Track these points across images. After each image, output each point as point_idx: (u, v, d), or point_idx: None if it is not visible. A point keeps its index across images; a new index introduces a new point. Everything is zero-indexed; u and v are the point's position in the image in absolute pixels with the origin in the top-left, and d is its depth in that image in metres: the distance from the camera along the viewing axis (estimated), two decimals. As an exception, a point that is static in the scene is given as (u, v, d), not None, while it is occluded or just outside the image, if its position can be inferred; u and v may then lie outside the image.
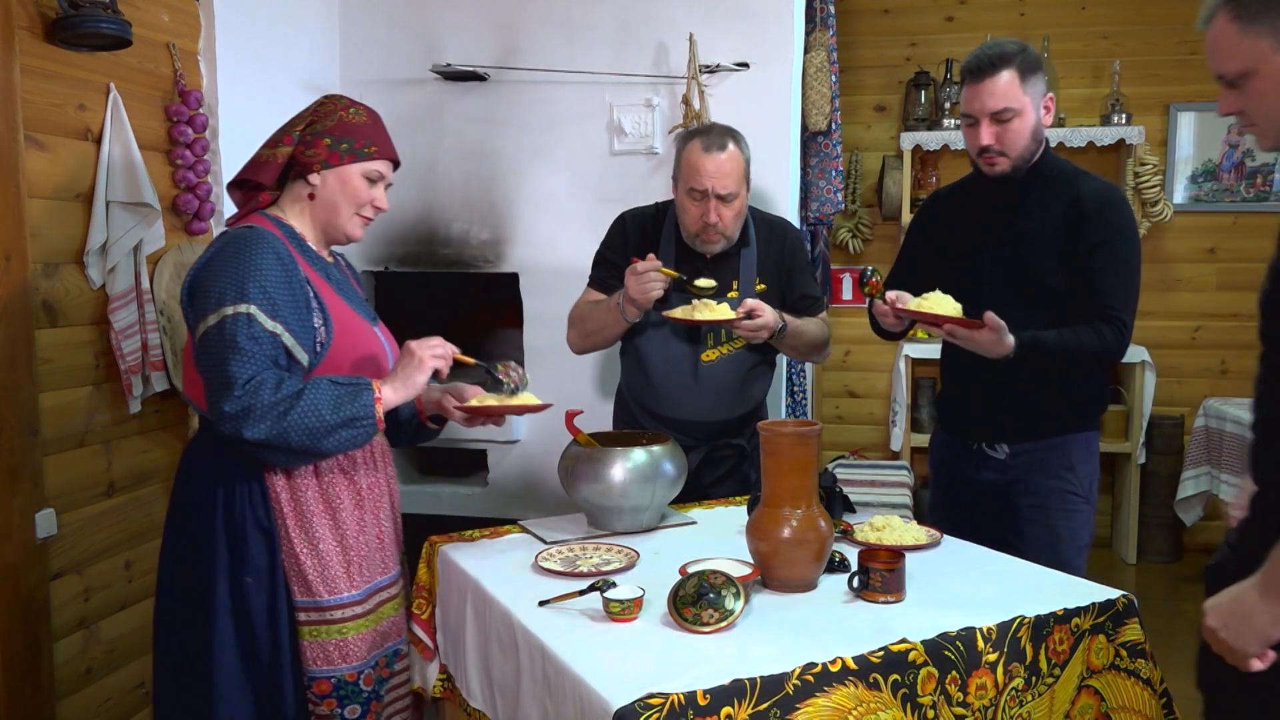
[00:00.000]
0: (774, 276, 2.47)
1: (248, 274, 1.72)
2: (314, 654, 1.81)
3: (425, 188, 3.45)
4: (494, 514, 3.30)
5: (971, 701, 1.50)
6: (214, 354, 1.70)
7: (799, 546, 1.68)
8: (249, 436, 1.66)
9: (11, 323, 2.18)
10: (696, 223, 2.34)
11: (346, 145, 1.86)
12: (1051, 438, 2.27)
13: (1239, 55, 1.42)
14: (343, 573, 1.83)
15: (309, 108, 1.92)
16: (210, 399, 1.70)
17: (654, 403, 2.46)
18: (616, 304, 2.33)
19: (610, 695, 1.31)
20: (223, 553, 1.77)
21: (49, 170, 2.30)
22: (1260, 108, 1.44)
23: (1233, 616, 1.34)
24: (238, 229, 1.83)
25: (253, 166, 1.89)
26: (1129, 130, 4.54)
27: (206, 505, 1.79)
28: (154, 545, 2.65)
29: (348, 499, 1.86)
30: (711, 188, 2.28)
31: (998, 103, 2.14)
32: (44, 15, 2.26)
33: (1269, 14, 1.38)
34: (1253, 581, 1.32)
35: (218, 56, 2.82)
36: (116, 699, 2.54)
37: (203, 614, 1.78)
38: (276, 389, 1.68)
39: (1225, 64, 1.44)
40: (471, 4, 3.38)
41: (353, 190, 1.88)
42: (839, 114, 3.64)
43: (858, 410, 5.22)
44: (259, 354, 1.69)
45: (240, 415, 1.65)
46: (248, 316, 1.70)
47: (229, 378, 1.67)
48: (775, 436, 1.71)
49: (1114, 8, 4.74)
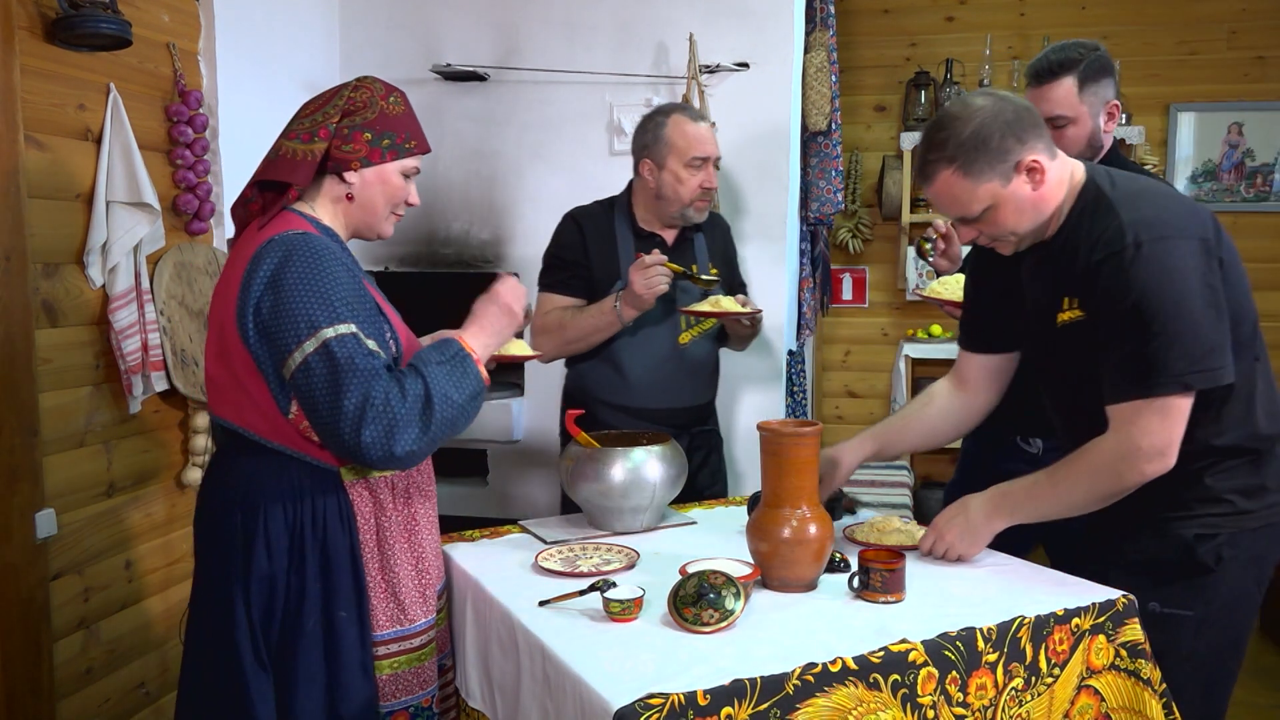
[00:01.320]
0: (721, 263, 2.58)
1: (331, 290, 1.56)
2: (394, 687, 1.70)
3: (425, 188, 3.44)
4: (494, 514, 3.30)
5: (971, 701, 1.50)
6: (324, 381, 1.53)
7: (799, 546, 1.68)
8: (400, 453, 1.53)
9: (11, 323, 2.18)
10: (695, 191, 2.43)
11: (389, 141, 1.71)
12: None
13: (979, 199, 1.71)
14: (419, 596, 1.74)
15: (340, 94, 1.72)
16: (332, 428, 1.54)
17: (629, 397, 2.45)
18: (613, 306, 2.33)
19: (610, 695, 1.31)
20: (314, 586, 1.62)
21: (49, 170, 2.30)
22: (1005, 228, 1.75)
23: (965, 529, 1.83)
24: (290, 235, 1.61)
25: (285, 166, 1.68)
26: (1129, 130, 4.53)
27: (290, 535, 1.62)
28: (154, 545, 2.67)
29: (422, 517, 1.77)
30: (713, 153, 2.43)
31: (1050, 109, 2.12)
32: (44, 15, 2.26)
33: (988, 161, 1.68)
34: (980, 504, 1.82)
35: (218, 56, 2.82)
36: (116, 699, 2.54)
37: (285, 655, 1.62)
38: (404, 395, 1.54)
39: (969, 209, 1.73)
40: (471, 4, 3.38)
41: (393, 189, 1.74)
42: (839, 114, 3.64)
43: (858, 410, 5.22)
44: (375, 369, 1.55)
45: (385, 438, 1.52)
46: (354, 337, 1.55)
47: (360, 403, 1.51)
48: (775, 436, 1.70)
49: (1114, 8, 4.74)
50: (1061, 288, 1.76)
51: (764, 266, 3.20)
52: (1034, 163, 1.70)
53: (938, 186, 1.73)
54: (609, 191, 3.25)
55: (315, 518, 1.63)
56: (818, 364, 5.00)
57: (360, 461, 1.56)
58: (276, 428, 1.63)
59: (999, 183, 1.69)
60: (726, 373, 3.23)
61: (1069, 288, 1.75)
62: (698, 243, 2.55)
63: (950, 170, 1.70)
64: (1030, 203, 1.72)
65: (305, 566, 1.62)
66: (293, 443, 1.64)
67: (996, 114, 1.68)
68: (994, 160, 1.68)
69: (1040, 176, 1.71)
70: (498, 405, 3.33)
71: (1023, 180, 1.70)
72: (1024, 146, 1.69)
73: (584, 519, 2.14)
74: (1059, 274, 1.77)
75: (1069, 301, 1.75)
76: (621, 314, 2.33)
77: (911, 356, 4.74)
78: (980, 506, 1.83)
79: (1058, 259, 1.77)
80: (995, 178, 1.69)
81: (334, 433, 1.54)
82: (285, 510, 1.62)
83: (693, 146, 2.40)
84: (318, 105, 1.72)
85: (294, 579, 1.62)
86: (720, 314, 2.34)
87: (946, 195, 1.73)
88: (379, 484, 1.70)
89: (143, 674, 2.62)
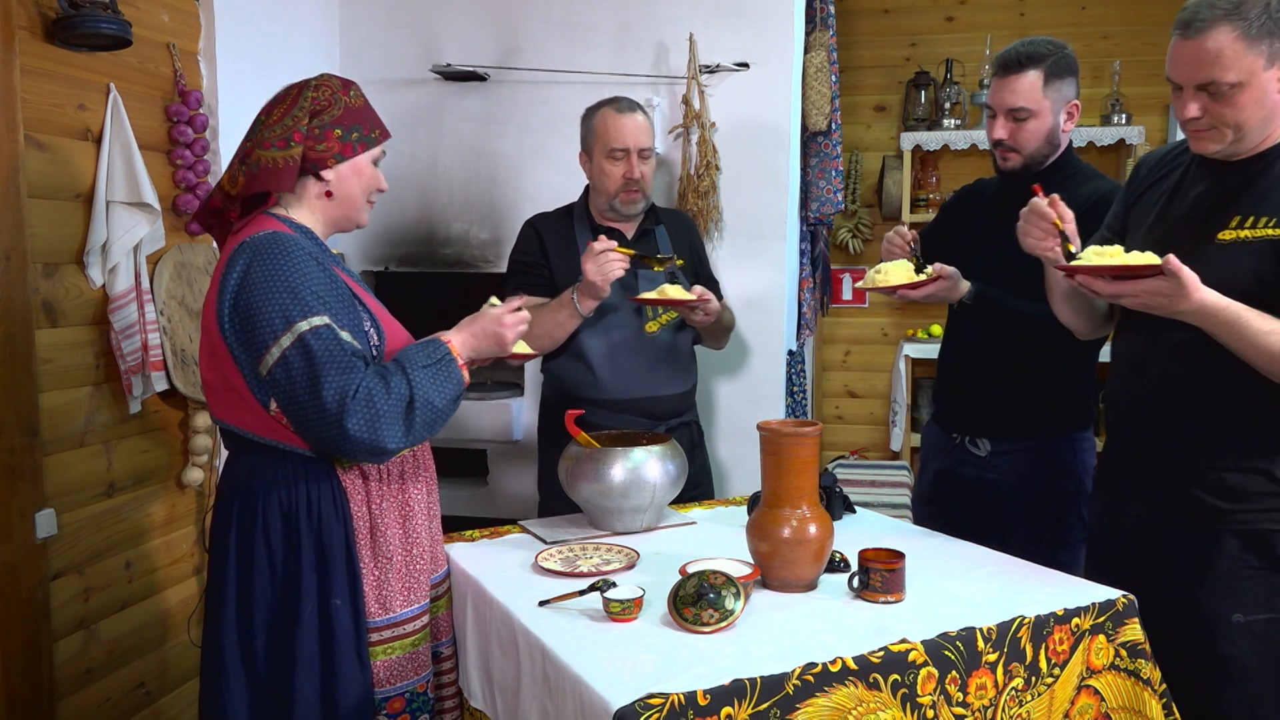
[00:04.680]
0: (687, 255, 2.59)
1: (300, 284, 1.60)
2: (389, 673, 1.72)
3: (425, 188, 3.45)
4: (494, 514, 3.30)
5: (971, 701, 1.50)
6: (302, 374, 1.56)
7: (799, 546, 1.68)
8: (389, 445, 1.57)
9: (11, 323, 2.18)
10: (618, 182, 2.44)
11: (358, 134, 1.76)
12: (1029, 439, 2.28)
13: (1238, 68, 1.61)
14: (412, 582, 1.76)
15: (302, 95, 1.74)
16: (314, 419, 1.57)
17: (600, 391, 2.44)
18: (571, 299, 2.32)
19: (610, 695, 1.31)
20: (310, 574, 1.65)
21: (49, 170, 2.30)
22: (1238, 117, 1.65)
23: (1159, 293, 1.61)
24: (259, 236, 1.65)
25: (268, 175, 1.70)
26: (1129, 130, 4.53)
27: (285, 523, 1.66)
28: (154, 545, 2.67)
29: (416, 502, 1.79)
30: (633, 144, 2.42)
31: (1013, 100, 2.18)
32: (44, 15, 2.26)
33: (1269, 35, 1.59)
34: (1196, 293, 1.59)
35: (218, 56, 2.82)
36: (116, 699, 2.54)
37: (281, 642, 1.65)
38: (387, 392, 1.58)
39: (1224, 74, 1.62)
40: (471, 4, 3.38)
41: (367, 178, 1.80)
42: (839, 114, 3.64)
43: (858, 410, 5.22)
44: (351, 361, 1.58)
45: (369, 429, 1.55)
46: (328, 328, 1.58)
47: (339, 394, 1.54)
48: (775, 436, 1.71)
49: (1114, 8, 4.74)
50: (1244, 206, 1.71)
51: (764, 267, 3.20)
52: None
53: (1211, 42, 1.62)
54: (609, 191, 3.27)
55: (310, 506, 1.67)
56: (818, 364, 5.00)
57: (344, 452, 1.60)
58: (268, 425, 1.66)
59: (1264, 62, 1.61)
60: (727, 372, 3.24)
61: (1261, 206, 1.69)
62: (659, 234, 2.56)
63: (1231, 27, 1.61)
64: (1270, 104, 1.66)
65: (301, 555, 1.65)
66: (285, 438, 1.67)
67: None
68: (1274, 36, 1.60)
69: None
70: (498, 405, 3.33)
71: (1276, 74, 1.64)
72: None
73: (584, 519, 2.14)
74: (1244, 192, 1.71)
75: (1250, 220, 1.69)
76: (580, 305, 2.31)
77: (911, 356, 4.74)
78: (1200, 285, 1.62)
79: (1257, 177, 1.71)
80: (1264, 55, 1.61)
81: (317, 424, 1.57)
82: (280, 499, 1.66)
83: (612, 138, 2.42)
84: (284, 110, 1.74)
85: (291, 567, 1.66)
86: (666, 301, 2.32)
87: (1212, 53, 1.62)
88: (371, 470, 1.73)
89: (143, 674, 2.62)
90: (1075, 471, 2.29)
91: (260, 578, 1.66)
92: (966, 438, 2.36)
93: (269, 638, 1.66)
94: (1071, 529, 2.27)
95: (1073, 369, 2.30)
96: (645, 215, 2.56)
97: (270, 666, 1.66)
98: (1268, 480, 1.72)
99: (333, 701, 1.65)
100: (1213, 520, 1.76)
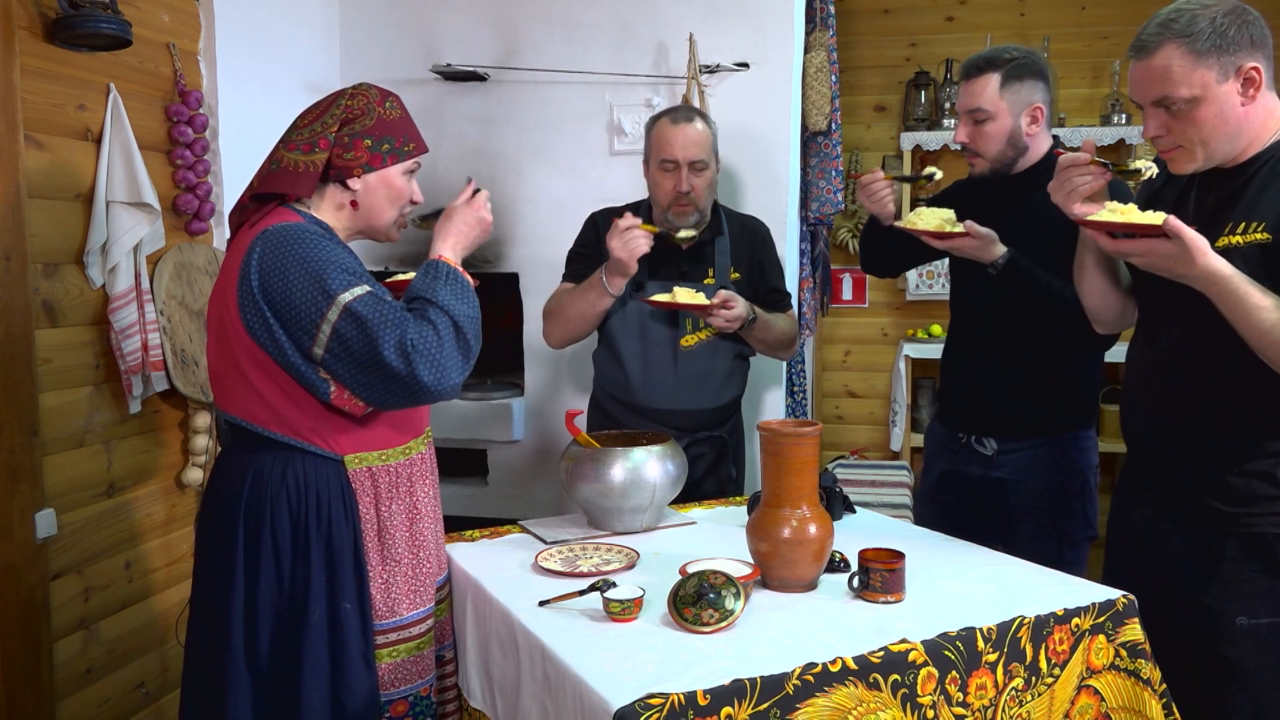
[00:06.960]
0: (746, 267, 2.54)
1: (329, 262, 1.59)
2: (394, 676, 1.72)
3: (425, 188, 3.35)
4: (494, 514, 3.30)
5: (971, 701, 1.50)
6: (359, 341, 1.56)
7: (799, 546, 1.68)
8: (458, 380, 1.60)
9: (11, 323, 2.18)
10: (669, 194, 2.41)
11: (388, 146, 1.75)
12: (1038, 437, 2.28)
13: (1189, 83, 1.65)
14: (419, 586, 1.76)
15: (337, 103, 1.76)
16: (382, 379, 1.57)
17: (630, 394, 2.46)
18: (600, 279, 2.34)
19: (610, 695, 1.31)
20: (319, 578, 1.64)
21: (49, 170, 2.30)
22: (1201, 133, 1.68)
23: (1163, 254, 1.63)
24: (279, 226, 1.64)
25: (287, 178, 1.70)
26: (1129, 130, 4.53)
27: (294, 527, 1.65)
28: (154, 545, 2.67)
29: (424, 505, 1.79)
30: (683, 157, 2.38)
31: (972, 102, 2.24)
32: (44, 15, 2.26)
33: (1218, 48, 1.63)
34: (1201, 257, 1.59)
35: (218, 56, 2.82)
36: (116, 699, 2.54)
37: (289, 646, 1.64)
38: (437, 333, 1.58)
39: (1176, 90, 1.67)
40: (471, 4, 3.38)
41: (397, 190, 1.79)
42: (839, 114, 3.64)
43: (858, 410, 5.22)
44: (399, 315, 1.58)
45: (437, 371, 1.57)
46: (370, 294, 1.59)
47: (399, 346, 1.54)
48: (775, 436, 1.71)
49: (1114, 8, 4.74)
50: (1236, 213, 1.72)
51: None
52: (1254, 70, 1.66)
53: (1158, 60, 1.67)
54: (609, 191, 3.26)
55: (320, 510, 1.66)
56: (818, 364, 5.00)
57: (422, 400, 1.61)
58: (281, 418, 1.66)
59: (1216, 75, 1.64)
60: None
61: (1251, 212, 1.70)
62: (718, 245, 2.51)
63: (1177, 44, 1.65)
64: (1234, 117, 1.67)
65: (310, 559, 1.64)
66: (296, 433, 1.67)
67: (1240, 12, 1.66)
68: (1223, 51, 1.64)
69: (1254, 91, 1.67)
70: (498, 405, 3.33)
71: (1235, 87, 1.66)
72: (1254, 52, 1.66)
73: (584, 519, 2.14)
74: (1236, 200, 1.72)
75: (1241, 226, 1.70)
76: (608, 283, 2.32)
77: (911, 356, 4.74)
78: (1207, 250, 1.63)
79: (1246, 184, 1.72)
80: (1215, 69, 1.64)
81: (391, 386, 1.58)
82: (290, 503, 1.65)
83: (663, 149, 2.40)
84: (315, 115, 1.75)
85: (299, 571, 1.65)
86: (675, 305, 2.32)
87: (1160, 70, 1.67)
88: (380, 473, 1.72)
89: (143, 674, 2.63)
90: (1080, 469, 2.30)
91: (267, 581, 1.64)
92: (973, 437, 2.36)
93: (276, 641, 1.65)
94: (1077, 526, 2.28)
95: (1080, 367, 2.31)
96: (708, 225, 2.49)
97: (277, 670, 1.65)
98: (1270, 485, 1.72)
99: (340, 705, 1.64)
100: (1216, 524, 1.76)
